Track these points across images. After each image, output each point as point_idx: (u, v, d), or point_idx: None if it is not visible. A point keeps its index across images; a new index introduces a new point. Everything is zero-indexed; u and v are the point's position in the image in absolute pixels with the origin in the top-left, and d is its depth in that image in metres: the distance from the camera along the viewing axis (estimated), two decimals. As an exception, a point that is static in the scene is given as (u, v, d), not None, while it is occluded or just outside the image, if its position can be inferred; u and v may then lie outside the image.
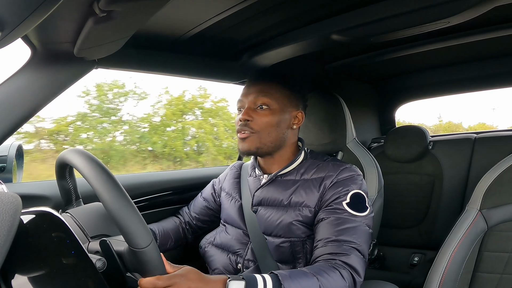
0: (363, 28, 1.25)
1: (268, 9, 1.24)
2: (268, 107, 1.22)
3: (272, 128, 1.22)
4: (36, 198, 1.30)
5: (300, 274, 0.95)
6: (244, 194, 1.33)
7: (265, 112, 1.22)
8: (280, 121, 1.23)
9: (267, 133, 1.22)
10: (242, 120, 1.22)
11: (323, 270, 0.97)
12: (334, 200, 1.14)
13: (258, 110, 1.22)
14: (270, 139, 1.23)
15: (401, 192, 2.19)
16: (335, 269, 0.99)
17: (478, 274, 1.19)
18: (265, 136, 1.22)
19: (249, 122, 1.21)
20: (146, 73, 1.49)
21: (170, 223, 1.45)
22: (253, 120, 1.21)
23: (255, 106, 1.23)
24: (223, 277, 0.90)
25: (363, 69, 2.23)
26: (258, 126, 1.21)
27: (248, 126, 1.21)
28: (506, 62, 2.04)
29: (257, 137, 1.21)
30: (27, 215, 0.82)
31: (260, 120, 1.21)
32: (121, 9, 0.81)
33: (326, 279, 0.95)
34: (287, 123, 1.26)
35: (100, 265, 0.84)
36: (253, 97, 1.23)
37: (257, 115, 1.22)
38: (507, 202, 1.21)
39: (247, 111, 1.22)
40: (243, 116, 1.21)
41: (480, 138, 2.05)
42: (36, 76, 1.11)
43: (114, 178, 0.82)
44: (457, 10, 1.08)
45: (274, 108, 1.22)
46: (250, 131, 1.21)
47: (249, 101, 1.24)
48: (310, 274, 0.95)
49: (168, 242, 1.37)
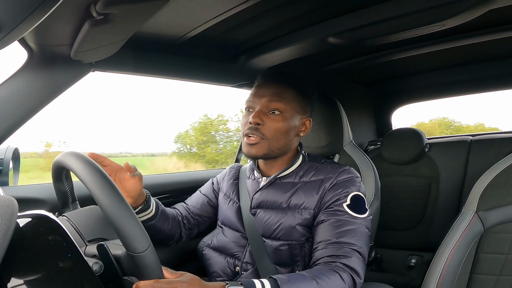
0: (359, 31, 1.26)
1: (265, 11, 1.24)
2: (281, 113, 1.19)
3: (281, 135, 1.20)
4: (33, 201, 1.29)
5: (299, 278, 0.94)
6: (242, 196, 1.32)
7: (277, 118, 1.19)
8: (290, 129, 1.21)
9: (276, 140, 1.19)
10: (252, 123, 1.18)
11: (322, 273, 0.97)
12: (334, 202, 1.14)
13: (270, 115, 1.19)
14: (278, 146, 1.21)
15: (398, 194, 2.20)
16: (335, 272, 0.99)
17: (475, 275, 1.20)
18: (274, 143, 1.19)
19: (260, 127, 1.18)
20: (143, 76, 1.49)
21: (169, 210, 1.39)
22: (263, 124, 1.18)
23: (268, 110, 1.19)
24: (221, 283, 0.89)
25: (360, 71, 2.24)
26: (268, 132, 1.18)
27: (259, 131, 1.18)
28: (502, 64, 2.05)
29: (266, 143, 1.19)
30: (24, 219, 0.81)
31: (271, 125, 1.18)
32: (118, 12, 0.81)
33: (325, 282, 0.95)
34: (296, 131, 1.25)
35: (97, 268, 0.84)
36: (266, 100, 1.20)
37: (269, 120, 1.18)
38: (503, 204, 1.21)
39: (259, 114, 1.18)
40: (254, 119, 1.17)
41: (475, 140, 2.07)
42: (33, 78, 1.10)
43: (111, 181, 0.82)
44: (452, 13, 1.09)
45: (286, 115, 1.20)
46: (261, 137, 1.18)
47: (262, 103, 1.20)
48: (309, 277, 0.95)
49: (165, 224, 1.32)
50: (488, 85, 2.25)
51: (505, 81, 2.15)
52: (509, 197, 1.21)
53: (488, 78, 2.17)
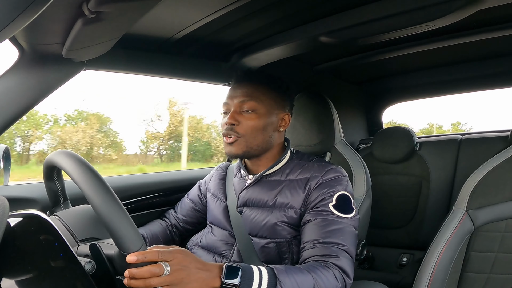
0: (350, 30, 1.27)
1: (257, 11, 1.24)
2: (255, 111, 1.22)
3: (258, 132, 1.22)
4: (24, 200, 1.29)
5: (295, 270, 0.95)
6: (229, 195, 1.33)
7: (251, 116, 1.21)
8: (266, 125, 1.23)
9: (253, 137, 1.21)
10: (228, 124, 1.21)
11: (317, 268, 0.98)
12: (320, 202, 1.14)
13: (244, 114, 1.22)
14: (257, 142, 1.22)
15: (389, 192, 2.21)
16: (329, 268, 1.00)
17: (466, 274, 1.21)
18: (251, 140, 1.21)
19: (235, 126, 1.21)
20: (135, 74, 1.49)
21: (158, 226, 1.44)
22: (239, 124, 1.21)
23: (241, 110, 1.22)
24: (218, 264, 0.89)
25: (351, 70, 2.25)
26: (244, 130, 1.21)
27: (234, 131, 1.21)
28: (491, 64, 2.07)
29: (244, 141, 1.21)
30: (15, 218, 0.81)
31: (246, 124, 1.21)
32: (111, 10, 0.81)
33: (320, 278, 0.96)
34: (274, 126, 1.26)
35: (89, 268, 0.84)
36: (239, 101, 1.23)
37: (243, 119, 1.21)
38: (493, 202, 1.23)
39: (233, 115, 1.21)
40: (229, 120, 1.21)
41: (465, 139, 2.09)
42: (24, 77, 1.10)
43: (103, 180, 0.82)
44: (442, 13, 1.10)
45: (260, 112, 1.22)
46: (236, 135, 1.21)
47: (235, 104, 1.23)
48: (305, 271, 0.96)
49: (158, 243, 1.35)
50: (478, 84, 2.27)
51: (494, 80, 2.18)
52: (499, 196, 1.23)
53: (478, 77, 2.19)
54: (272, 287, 0.89)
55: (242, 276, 0.86)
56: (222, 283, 0.85)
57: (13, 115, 1.08)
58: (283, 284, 0.90)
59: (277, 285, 0.90)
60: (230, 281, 0.85)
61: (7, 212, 0.68)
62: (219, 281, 0.85)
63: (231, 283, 0.85)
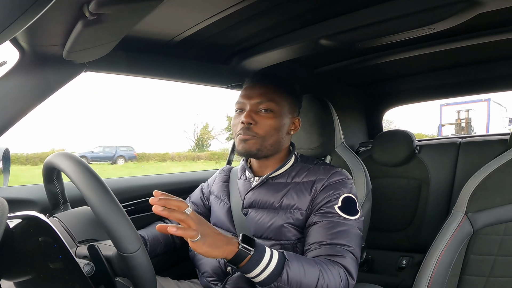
0: (350, 33, 1.27)
1: (257, 14, 1.25)
2: (272, 111, 1.22)
3: (273, 132, 1.22)
4: (23, 202, 1.28)
5: (304, 258, 0.99)
6: (233, 197, 1.33)
7: (268, 115, 1.21)
8: (280, 126, 1.24)
9: (269, 137, 1.22)
10: (244, 123, 1.20)
11: (324, 263, 1.00)
12: (326, 204, 1.15)
13: (261, 113, 1.21)
14: (271, 142, 1.23)
15: (389, 195, 2.21)
16: (335, 265, 1.01)
17: (465, 277, 1.21)
18: (267, 139, 1.22)
19: (252, 126, 1.20)
20: (135, 76, 1.48)
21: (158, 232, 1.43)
22: (256, 124, 1.21)
23: (258, 109, 1.22)
24: (232, 239, 0.93)
25: (351, 73, 2.25)
26: (261, 130, 1.21)
27: (251, 130, 1.20)
28: (491, 67, 2.08)
29: (260, 140, 1.21)
30: (14, 220, 0.81)
31: (264, 123, 1.21)
32: (111, 12, 0.81)
33: (326, 272, 0.97)
34: (286, 129, 1.27)
35: (88, 269, 0.83)
36: (256, 101, 1.22)
37: (261, 118, 1.21)
38: (492, 205, 1.23)
39: (250, 114, 1.20)
40: (246, 119, 1.20)
41: (465, 142, 2.09)
42: (24, 79, 1.09)
43: (102, 182, 0.82)
44: (442, 17, 1.10)
45: (276, 113, 1.22)
46: (253, 135, 1.20)
47: (252, 103, 1.22)
48: (313, 262, 0.98)
49: (158, 248, 1.34)
50: (478, 87, 2.27)
51: (495, 83, 2.18)
52: (498, 199, 1.23)
53: (477, 80, 2.20)
54: (280, 265, 0.93)
55: (256, 247, 0.92)
56: (239, 247, 0.90)
57: (13, 116, 1.08)
58: (291, 265, 0.94)
59: (285, 265, 0.93)
60: (247, 246, 0.91)
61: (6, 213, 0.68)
62: (237, 244, 0.90)
63: (247, 247, 0.91)
